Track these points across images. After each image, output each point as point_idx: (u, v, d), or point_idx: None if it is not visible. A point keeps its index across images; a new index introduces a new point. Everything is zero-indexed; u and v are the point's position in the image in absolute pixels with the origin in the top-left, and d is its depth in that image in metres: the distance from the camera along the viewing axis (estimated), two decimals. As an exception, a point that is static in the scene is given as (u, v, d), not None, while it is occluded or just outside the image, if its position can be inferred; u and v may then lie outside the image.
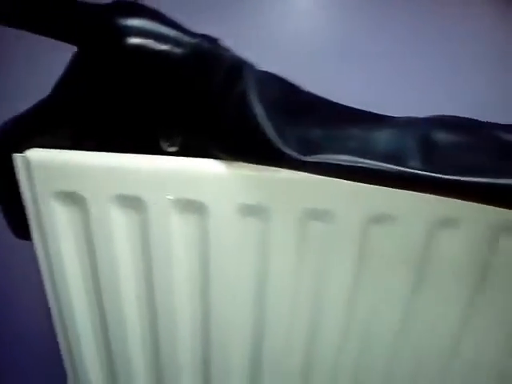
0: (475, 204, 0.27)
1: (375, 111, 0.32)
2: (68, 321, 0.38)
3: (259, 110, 0.27)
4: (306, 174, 0.28)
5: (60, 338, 0.40)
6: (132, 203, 0.31)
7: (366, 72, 0.44)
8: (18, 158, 0.31)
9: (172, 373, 0.40)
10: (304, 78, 0.31)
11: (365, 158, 0.27)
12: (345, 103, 0.32)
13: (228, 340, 0.38)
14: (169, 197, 0.30)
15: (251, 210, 0.31)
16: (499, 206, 0.27)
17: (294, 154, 0.26)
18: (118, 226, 0.32)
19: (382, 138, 0.29)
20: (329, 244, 0.32)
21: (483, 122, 0.32)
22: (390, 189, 0.28)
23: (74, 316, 0.38)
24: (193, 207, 0.31)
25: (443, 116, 0.32)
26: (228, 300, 0.35)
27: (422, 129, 0.30)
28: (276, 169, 0.28)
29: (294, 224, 0.31)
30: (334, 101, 0.32)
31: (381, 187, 0.28)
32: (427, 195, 0.27)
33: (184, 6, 0.37)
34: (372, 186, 0.27)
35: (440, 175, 0.25)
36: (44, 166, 0.30)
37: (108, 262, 0.34)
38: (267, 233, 0.31)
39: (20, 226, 0.35)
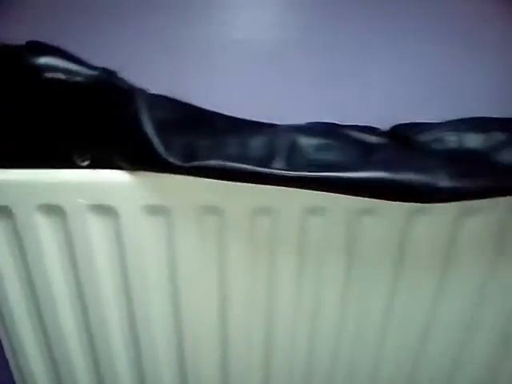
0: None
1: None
2: (10, 327, 0.43)
3: (149, 128, 0.33)
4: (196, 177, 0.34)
5: (4, 344, 0.45)
6: (54, 211, 0.37)
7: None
8: None
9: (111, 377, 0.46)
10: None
11: (236, 162, 0.33)
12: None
13: (153, 336, 0.43)
14: (81, 200, 0.35)
15: (154, 210, 0.36)
16: (359, 196, 0.34)
17: (177, 162, 0.32)
18: (44, 232, 0.38)
19: (257, 144, 0.35)
20: (223, 234, 0.38)
21: (342, 125, 0.38)
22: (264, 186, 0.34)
23: (15, 323, 0.43)
24: (105, 211, 0.36)
25: (311, 123, 0.38)
26: (148, 298, 0.41)
27: (290, 135, 0.36)
28: (170, 175, 0.34)
29: (192, 218, 0.37)
30: (224, 113, 0.39)
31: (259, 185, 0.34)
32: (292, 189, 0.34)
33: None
34: (251, 184, 0.34)
35: (291, 172, 0.32)
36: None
37: (39, 268, 0.39)
38: (171, 228, 0.37)
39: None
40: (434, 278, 0.40)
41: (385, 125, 0.41)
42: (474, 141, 0.36)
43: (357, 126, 0.40)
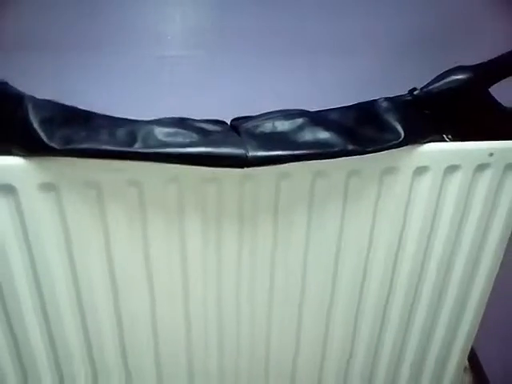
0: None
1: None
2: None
3: (35, 123, 0.45)
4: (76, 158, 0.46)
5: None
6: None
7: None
8: None
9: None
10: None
11: (103, 145, 0.45)
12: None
13: (61, 312, 0.54)
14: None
15: (45, 187, 0.48)
16: (195, 165, 0.47)
17: (57, 146, 0.44)
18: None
19: (121, 133, 0.48)
20: (102, 205, 0.49)
21: (192, 118, 0.52)
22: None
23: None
24: (6, 189, 0.47)
25: (167, 118, 0.51)
26: (52, 270, 0.51)
27: (148, 127, 0.49)
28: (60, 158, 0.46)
29: (76, 192, 0.48)
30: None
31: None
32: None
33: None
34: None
35: (144, 149, 0.45)
36: None
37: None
38: (61, 202, 0.49)
39: None
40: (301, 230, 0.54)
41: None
42: (282, 125, 0.51)
43: (205, 119, 0.54)
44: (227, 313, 0.58)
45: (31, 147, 0.45)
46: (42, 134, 0.44)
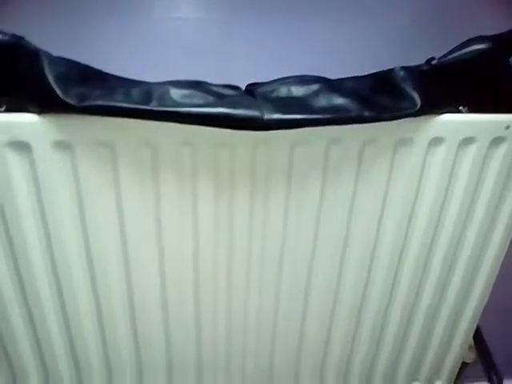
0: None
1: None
2: None
3: (51, 79, 0.44)
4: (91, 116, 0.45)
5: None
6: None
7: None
8: None
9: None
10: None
11: (119, 102, 0.45)
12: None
13: (72, 277, 0.54)
14: None
15: (60, 145, 0.48)
16: (209, 125, 0.46)
17: (73, 103, 0.44)
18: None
19: (137, 92, 0.47)
20: (115, 164, 0.49)
21: (207, 82, 0.52)
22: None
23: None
24: (21, 146, 0.47)
25: (182, 80, 0.51)
26: (63, 231, 0.51)
27: (164, 87, 0.48)
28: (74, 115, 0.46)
29: (90, 151, 0.48)
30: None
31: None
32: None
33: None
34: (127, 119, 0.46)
35: (160, 107, 0.44)
36: None
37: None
38: (75, 160, 0.49)
39: None
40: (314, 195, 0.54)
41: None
42: (297, 91, 0.51)
43: (220, 84, 0.53)
44: (237, 277, 0.58)
45: (46, 103, 0.45)
46: (58, 90, 0.44)
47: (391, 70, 0.54)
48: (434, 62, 0.53)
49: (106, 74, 0.50)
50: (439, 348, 0.72)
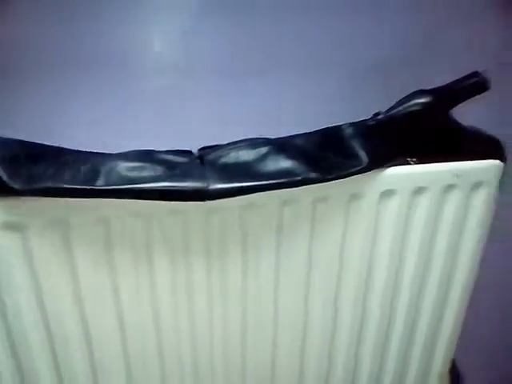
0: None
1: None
2: None
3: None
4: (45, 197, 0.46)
5: None
6: None
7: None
8: None
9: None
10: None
11: (68, 183, 0.45)
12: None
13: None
14: None
15: (11, 226, 0.48)
16: (155, 200, 0.47)
17: (19, 187, 0.44)
18: None
19: (86, 170, 0.48)
20: (69, 242, 0.50)
21: (158, 150, 0.52)
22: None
23: None
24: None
25: (131, 151, 0.52)
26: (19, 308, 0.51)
27: (112, 162, 0.49)
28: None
29: (42, 231, 0.48)
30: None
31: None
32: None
33: None
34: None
35: (104, 186, 0.45)
36: None
37: None
38: (28, 241, 0.49)
39: None
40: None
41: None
42: (246, 155, 0.52)
43: (172, 150, 0.54)
44: (200, 341, 0.58)
45: (-5, 189, 0.46)
46: (3, 175, 0.45)
47: (339, 127, 0.55)
48: (379, 117, 0.55)
49: (55, 148, 0.50)
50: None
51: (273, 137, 0.55)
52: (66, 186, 0.45)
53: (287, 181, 0.49)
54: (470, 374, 0.80)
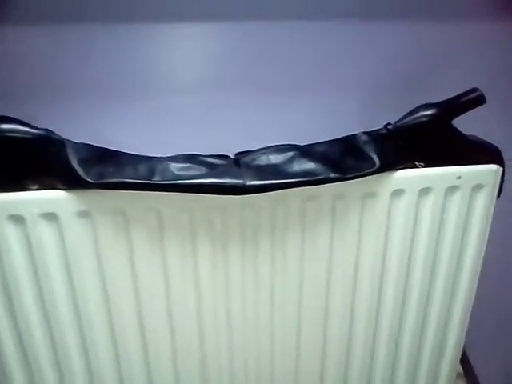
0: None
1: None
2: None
3: (74, 163, 0.56)
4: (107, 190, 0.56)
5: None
6: (18, 220, 0.57)
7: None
8: None
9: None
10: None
11: (129, 178, 0.56)
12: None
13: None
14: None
15: (82, 214, 0.58)
16: (203, 193, 0.57)
17: (92, 181, 0.55)
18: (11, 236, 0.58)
19: (143, 169, 0.58)
20: (127, 230, 0.60)
21: (201, 154, 0.62)
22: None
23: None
24: (51, 216, 0.58)
25: (180, 154, 0.62)
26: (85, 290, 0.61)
27: (165, 163, 0.59)
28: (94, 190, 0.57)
29: (108, 219, 0.59)
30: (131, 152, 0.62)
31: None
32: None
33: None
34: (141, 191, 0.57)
35: (160, 181, 0.55)
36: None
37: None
38: (95, 227, 0.59)
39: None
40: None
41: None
42: (275, 158, 0.61)
43: (212, 155, 0.64)
44: (235, 321, 0.67)
45: (71, 182, 0.56)
46: (80, 171, 0.55)
47: (355, 135, 0.64)
48: (390, 127, 0.64)
49: (119, 152, 0.61)
50: (428, 377, 0.78)
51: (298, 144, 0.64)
52: (131, 180, 0.55)
53: (310, 179, 0.58)
54: (481, 362, 0.86)
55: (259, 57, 0.72)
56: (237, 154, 0.65)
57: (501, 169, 0.65)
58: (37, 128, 0.57)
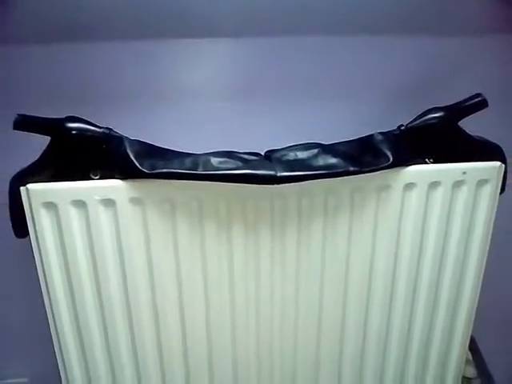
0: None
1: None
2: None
3: (132, 156, 0.65)
4: (158, 179, 0.66)
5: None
6: (80, 205, 0.67)
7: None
8: (22, 189, 0.67)
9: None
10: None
11: (177, 169, 0.65)
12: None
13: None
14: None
15: (136, 201, 0.68)
16: (241, 183, 0.66)
17: (147, 171, 0.65)
18: (75, 220, 0.68)
19: (188, 162, 0.68)
20: (174, 217, 0.69)
21: (237, 151, 0.72)
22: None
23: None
24: (109, 202, 0.67)
25: (218, 151, 0.71)
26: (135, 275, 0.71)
27: (206, 157, 0.69)
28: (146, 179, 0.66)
29: (158, 207, 0.68)
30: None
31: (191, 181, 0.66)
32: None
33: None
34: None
35: (204, 172, 0.64)
36: (36, 190, 0.66)
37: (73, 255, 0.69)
38: (146, 212, 0.68)
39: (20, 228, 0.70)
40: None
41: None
42: (302, 154, 0.70)
43: (246, 152, 0.73)
44: (263, 298, 0.76)
45: (128, 172, 0.66)
46: (136, 163, 0.65)
47: (372, 135, 0.73)
48: (402, 128, 0.72)
49: (167, 149, 0.71)
50: (437, 366, 0.85)
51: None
52: (179, 171, 0.65)
53: (333, 172, 0.67)
54: (489, 350, 0.92)
55: (286, 68, 0.83)
56: (267, 152, 0.74)
57: (503, 165, 0.73)
58: (100, 126, 0.67)
